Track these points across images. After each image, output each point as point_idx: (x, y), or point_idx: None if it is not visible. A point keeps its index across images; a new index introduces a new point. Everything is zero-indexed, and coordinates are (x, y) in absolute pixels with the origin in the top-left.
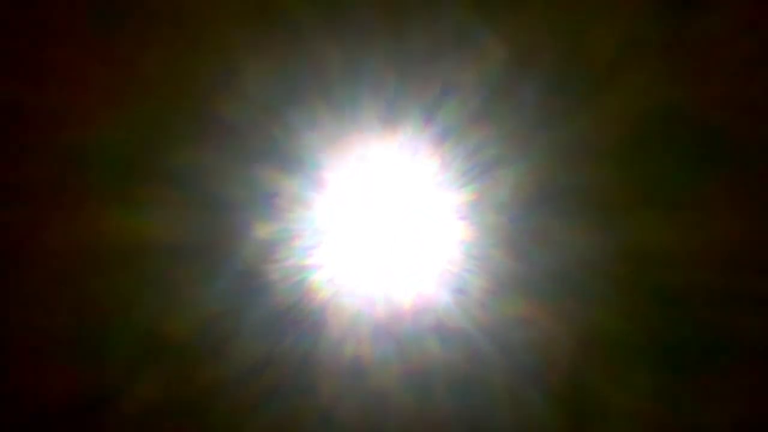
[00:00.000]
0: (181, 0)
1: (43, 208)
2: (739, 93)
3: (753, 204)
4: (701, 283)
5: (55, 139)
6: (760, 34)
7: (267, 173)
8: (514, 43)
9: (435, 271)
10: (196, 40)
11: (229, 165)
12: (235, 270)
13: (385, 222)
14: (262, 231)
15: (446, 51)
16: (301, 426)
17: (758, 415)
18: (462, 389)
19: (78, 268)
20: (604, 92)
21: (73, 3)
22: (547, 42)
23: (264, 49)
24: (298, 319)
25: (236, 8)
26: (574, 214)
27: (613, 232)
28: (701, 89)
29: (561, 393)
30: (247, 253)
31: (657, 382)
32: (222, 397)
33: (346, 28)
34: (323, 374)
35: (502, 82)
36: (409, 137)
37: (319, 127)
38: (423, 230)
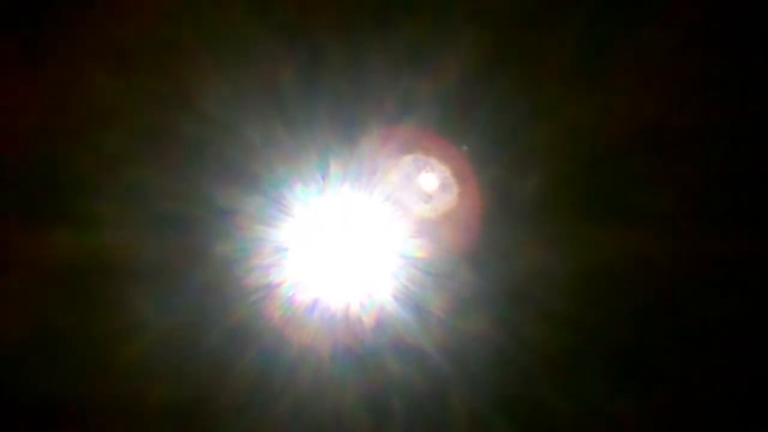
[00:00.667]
0: (139, 20)
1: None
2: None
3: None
4: (659, 298)
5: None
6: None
7: (224, 191)
8: (472, 59)
9: (394, 287)
10: (152, 58)
11: (186, 183)
12: (193, 288)
13: (344, 238)
14: (220, 249)
15: (404, 67)
16: None
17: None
18: (419, 406)
19: (32, 286)
20: (562, 105)
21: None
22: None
23: (221, 68)
24: (257, 336)
25: (194, 28)
26: (533, 229)
27: (571, 247)
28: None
29: (516, 409)
30: (205, 271)
31: (612, 396)
32: (179, 416)
33: (303, 46)
34: (282, 392)
35: (460, 97)
36: (368, 153)
37: (276, 145)
38: (382, 246)
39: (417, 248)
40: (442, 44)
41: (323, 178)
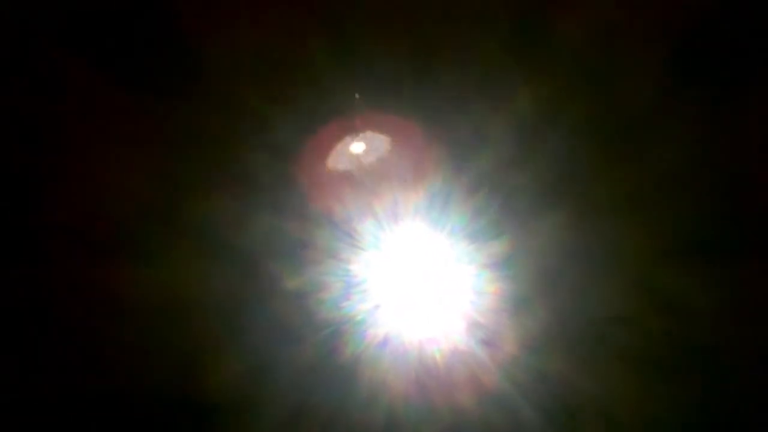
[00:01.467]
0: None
1: (73, 264)
2: None
3: None
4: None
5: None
6: None
7: (296, 224)
8: (547, 92)
9: (467, 323)
10: (223, 94)
11: (258, 216)
12: (265, 322)
13: (417, 273)
14: (293, 283)
15: (477, 99)
16: None
17: None
18: None
19: (108, 323)
20: (637, 143)
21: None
22: (580, 91)
23: (293, 101)
24: (330, 371)
25: (259, 61)
26: (608, 267)
27: (647, 286)
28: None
29: None
30: (278, 306)
31: None
32: None
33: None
34: (355, 427)
35: (535, 130)
36: (441, 187)
37: (347, 178)
38: (455, 281)
39: (491, 283)
40: (520, 74)
41: (396, 211)
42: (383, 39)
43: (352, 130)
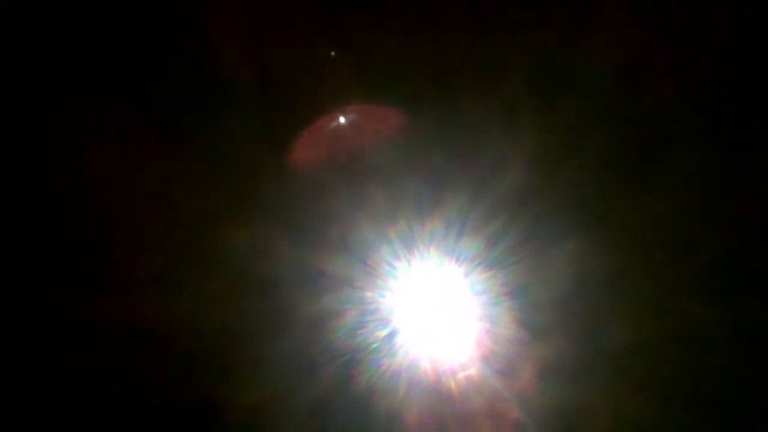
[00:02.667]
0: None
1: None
2: None
3: None
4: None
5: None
6: None
7: (313, 252)
8: (565, 121)
9: (483, 352)
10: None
11: (274, 244)
12: (281, 351)
13: (434, 301)
14: (309, 311)
15: (495, 128)
16: None
17: None
18: None
19: (122, 349)
20: (656, 173)
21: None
22: (598, 121)
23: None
24: (346, 399)
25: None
26: (625, 296)
27: (666, 315)
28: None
29: None
30: (294, 334)
31: None
32: None
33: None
34: None
35: (552, 159)
36: (458, 214)
37: (365, 206)
38: (471, 311)
39: (507, 312)
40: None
41: (412, 240)
42: (404, 67)
43: (372, 158)
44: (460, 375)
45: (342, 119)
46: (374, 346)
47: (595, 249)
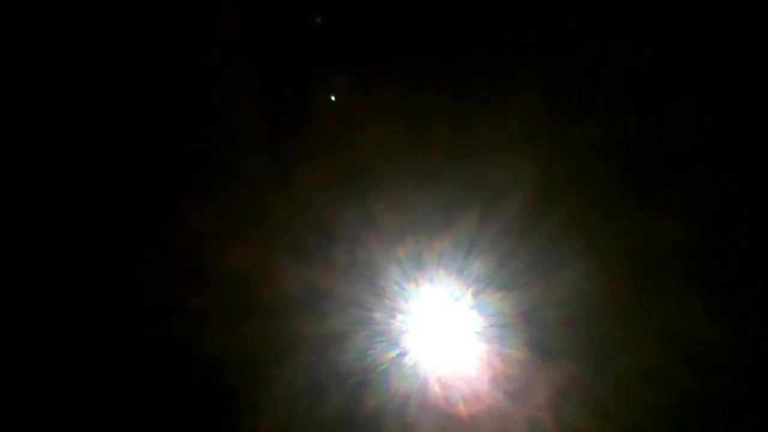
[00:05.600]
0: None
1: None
2: None
3: None
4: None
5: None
6: None
7: (324, 274)
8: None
9: (493, 374)
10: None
11: (282, 266)
12: (290, 372)
13: (443, 322)
14: (320, 332)
15: (506, 149)
16: None
17: None
18: None
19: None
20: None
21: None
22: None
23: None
24: (356, 422)
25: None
26: (637, 319)
27: (677, 337)
28: None
29: None
30: (301, 356)
31: None
32: None
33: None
34: None
35: (563, 181)
36: (467, 235)
37: (374, 227)
38: (481, 331)
39: (517, 334)
40: (544, 129)
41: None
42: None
43: (378, 177)
44: (470, 396)
45: (351, 138)
46: (383, 367)
47: (606, 271)
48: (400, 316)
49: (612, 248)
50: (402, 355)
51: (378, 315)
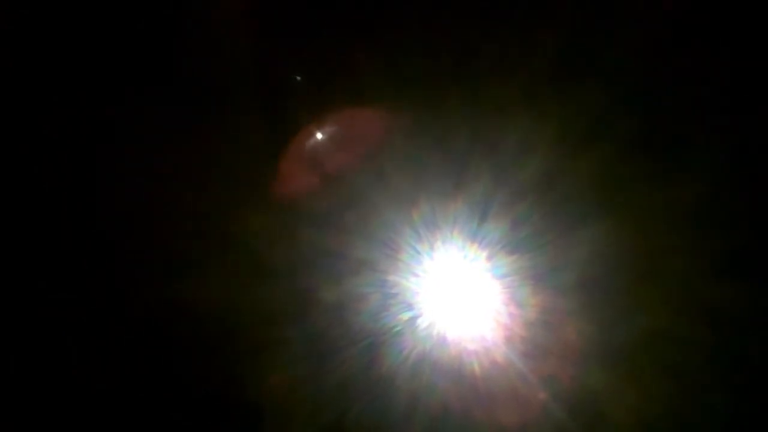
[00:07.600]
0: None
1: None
2: None
3: None
4: None
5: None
6: None
7: (337, 236)
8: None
9: (508, 335)
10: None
11: (294, 228)
12: (303, 335)
13: (457, 284)
14: (334, 294)
15: (519, 111)
16: None
17: None
18: None
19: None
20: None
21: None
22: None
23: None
24: (369, 384)
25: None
26: (653, 279)
27: (694, 298)
28: None
29: None
30: (315, 318)
31: None
32: None
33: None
34: None
35: (578, 140)
36: (482, 196)
37: (388, 189)
38: (496, 294)
39: (532, 295)
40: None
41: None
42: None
43: (393, 141)
44: (484, 358)
45: (364, 105)
46: (397, 329)
47: (620, 232)
48: (414, 278)
49: (629, 208)
50: (416, 316)
51: (392, 277)
